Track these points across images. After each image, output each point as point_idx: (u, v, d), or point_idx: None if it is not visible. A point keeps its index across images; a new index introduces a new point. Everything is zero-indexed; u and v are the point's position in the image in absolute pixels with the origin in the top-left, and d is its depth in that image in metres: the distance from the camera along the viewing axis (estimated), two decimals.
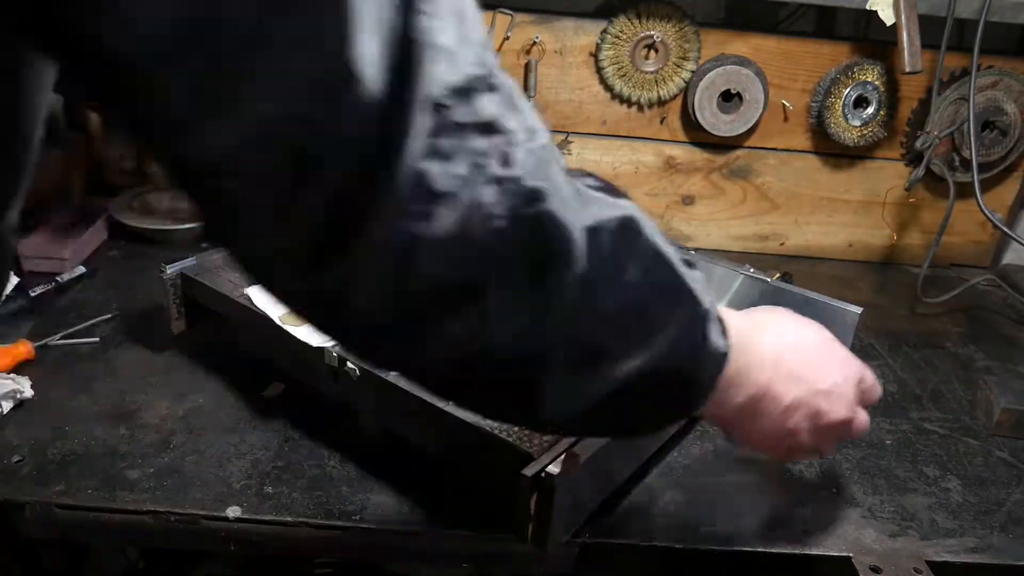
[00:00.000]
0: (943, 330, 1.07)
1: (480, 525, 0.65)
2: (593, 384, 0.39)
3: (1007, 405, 0.82)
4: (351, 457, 0.72)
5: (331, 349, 0.70)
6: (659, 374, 0.41)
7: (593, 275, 0.36)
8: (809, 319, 0.58)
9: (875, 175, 1.23)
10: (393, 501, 0.67)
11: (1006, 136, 1.16)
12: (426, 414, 0.65)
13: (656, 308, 0.40)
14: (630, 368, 0.39)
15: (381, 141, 0.29)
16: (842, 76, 1.14)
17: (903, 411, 0.87)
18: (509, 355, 0.36)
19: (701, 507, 0.69)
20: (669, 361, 0.41)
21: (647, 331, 0.40)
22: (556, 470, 0.55)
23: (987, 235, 1.28)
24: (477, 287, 0.33)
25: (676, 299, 0.41)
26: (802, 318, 0.58)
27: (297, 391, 0.79)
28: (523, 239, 0.33)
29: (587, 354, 0.38)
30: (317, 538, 0.65)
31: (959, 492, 0.74)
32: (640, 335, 0.40)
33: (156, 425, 0.74)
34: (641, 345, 0.40)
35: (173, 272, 0.81)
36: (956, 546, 0.68)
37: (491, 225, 0.32)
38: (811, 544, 0.66)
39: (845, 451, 0.78)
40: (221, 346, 0.85)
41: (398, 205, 0.30)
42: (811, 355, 0.55)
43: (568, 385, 0.39)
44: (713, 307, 0.44)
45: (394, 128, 0.29)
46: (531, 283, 0.34)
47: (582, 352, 0.38)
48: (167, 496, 0.66)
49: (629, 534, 0.65)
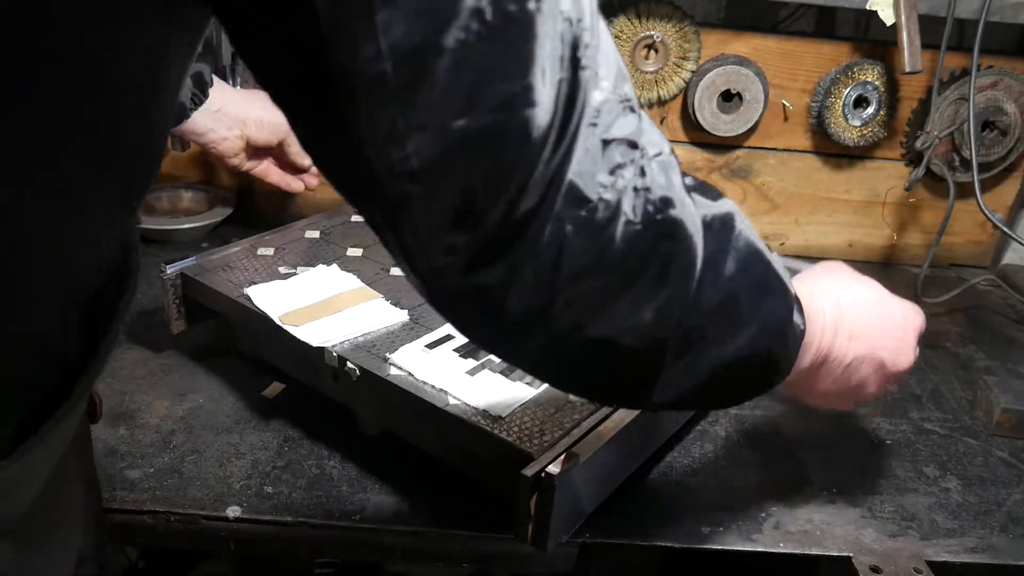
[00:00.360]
0: (943, 330, 1.07)
1: (480, 525, 0.65)
2: (701, 368, 0.44)
3: (1007, 405, 0.82)
4: (351, 457, 0.72)
5: (331, 349, 0.70)
6: (754, 355, 0.46)
7: (704, 270, 0.41)
8: (862, 275, 0.62)
9: (875, 175, 1.23)
10: (393, 501, 0.67)
11: (1006, 136, 1.16)
12: (426, 414, 0.65)
13: (753, 297, 0.45)
14: (731, 352, 0.44)
15: (550, 158, 0.34)
16: (842, 76, 1.14)
17: (903, 411, 0.87)
18: (637, 345, 0.41)
19: (701, 507, 0.69)
20: (762, 344, 0.46)
21: (746, 318, 0.45)
22: (556, 470, 0.55)
23: (987, 235, 1.28)
24: (615, 284, 0.38)
25: (769, 288, 0.46)
26: (856, 274, 0.62)
27: (297, 391, 0.80)
28: (655, 242, 0.39)
29: (698, 341, 0.43)
30: (317, 538, 0.65)
31: (959, 492, 0.74)
32: (740, 322, 0.44)
33: (156, 425, 0.74)
34: (740, 331, 0.44)
35: (173, 272, 0.81)
36: (956, 546, 0.68)
37: (630, 230, 0.37)
38: (811, 544, 0.66)
39: (845, 451, 0.79)
40: (221, 346, 0.86)
41: (557, 211, 0.36)
42: (868, 312, 0.59)
43: (680, 370, 0.43)
44: (794, 290, 0.49)
45: (560, 148, 0.35)
46: (659, 280, 0.39)
47: (694, 340, 0.43)
48: (167, 496, 0.66)
49: (629, 534, 0.65)
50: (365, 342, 0.72)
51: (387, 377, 0.66)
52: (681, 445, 0.76)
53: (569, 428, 0.62)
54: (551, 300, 0.38)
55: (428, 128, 0.32)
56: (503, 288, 0.37)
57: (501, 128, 0.33)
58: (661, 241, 0.39)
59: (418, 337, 0.72)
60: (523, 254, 0.36)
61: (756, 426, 0.81)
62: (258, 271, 0.83)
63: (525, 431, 0.61)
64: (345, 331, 0.72)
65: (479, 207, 0.34)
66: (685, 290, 0.41)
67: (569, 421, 0.62)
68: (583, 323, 0.39)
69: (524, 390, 0.66)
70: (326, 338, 0.71)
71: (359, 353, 0.70)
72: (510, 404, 0.63)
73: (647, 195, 0.38)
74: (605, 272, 0.38)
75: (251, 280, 0.80)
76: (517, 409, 0.63)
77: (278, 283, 0.80)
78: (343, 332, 0.72)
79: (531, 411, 0.63)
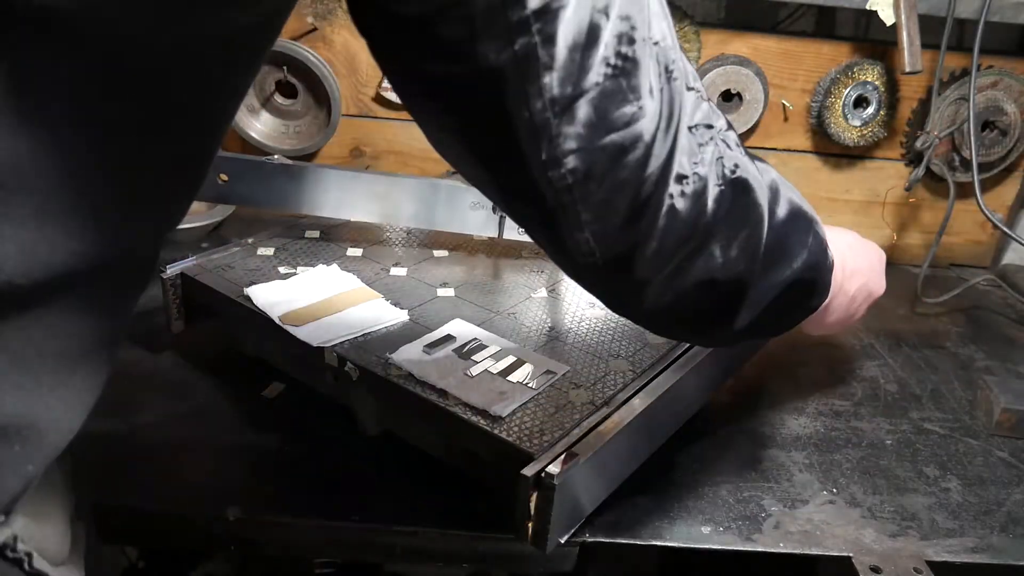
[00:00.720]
0: (943, 330, 1.07)
1: (480, 525, 0.65)
2: (769, 293, 0.54)
3: (1007, 405, 0.82)
4: (351, 457, 0.72)
5: (331, 349, 0.70)
6: (803, 280, 0.56)
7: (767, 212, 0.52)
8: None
9: (875, 175, 1.23)
10: (393, 501, 0.67)
11: (1006, 136, 1.16)
12: (426, 414, 0.65)
13: (801, 232, 0.56)
14: (789, 276, 0.55)
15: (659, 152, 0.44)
16: (842, 76, 1.14)
17: (903, 411, 0.87)
18: (727, 278, 0.51)
19: (701, 507, 0.69)
20: (808, 269, 0.56)
21: (796, 249, 0.55)
22: (556, 470, 0.55)
23: (987, 235, 1.28)
24: (711, 235, 0.48)
25: (809, 227, 0.56)
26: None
27: (297, 391, 0.80)
28: (734, 196, 0.49)
29: (768, 268, 0.53)
30: (317, 538, 0.65)
31: (959, 492, 0.74)
32: (792, 253, 0.55)
33: (156, 425, 0.74)
34: (795, 259, 0.55)
35: (173, 272, 0.81)
36: (956, 546, 0.68)
37: (716, 191, 0.48)
38: (811, 544, 0.66)
39: (845, 451, 0.79)
40: (221, 346, 0.86)
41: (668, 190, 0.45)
42: (858, 251, 0.73)
43: (758, 292, 0.53)
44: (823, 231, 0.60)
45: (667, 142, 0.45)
46: (741, 223, 0.50)
47: (766, 266, 0.53)
48: (167, 496, 0.66)
49: (629, 534, 0.65)
50: (365, 342, 0.72)
51: (387, 377, 0.66)
52: (681, 445, 0.76)
53: (569, 428, 0.62)
54: (669, 259, 0.48)
55: (579, 151, 0.42)
56: (634, 257, 0.47)
57: (629, 140, 0.42)
58: (738, 195, 0.49)
59: (418, 337, 0.72)
60: (647, 229, 0.46)
61: (756, 426, 0.81)
62: (258, 271, 0.83)
63: (525, 431, 0.61)
64: (345, 331, 0.72)
65: (616, 203, 0.44)
66: (758, 229, 0.51)
67: (569, 421, 0.62)
68: (690, 270, 0.49)
69: (524, 390, 0.66)
70: (326, 338, 0.71)
71: (359, 353, 0.70)
72: (510, 404, 0.63)
73: (723, 163, 0.48)
74: (704, 227, 0.48)
75: (251, 280, 0.80)
76: (517, 409, 0.63)
77: (278, 283, 0.80)
78: (343, 332, 0.72)
79: (531, 411, 0.63)
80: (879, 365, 0.96)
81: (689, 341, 0.72)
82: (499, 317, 0.79)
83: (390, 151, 1.25)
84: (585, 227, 0.45)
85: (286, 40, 1.15)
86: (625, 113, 0.42)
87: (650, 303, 0.51)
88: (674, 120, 0.45)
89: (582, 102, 0.40)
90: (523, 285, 0.86)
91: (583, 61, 0.40)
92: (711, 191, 0.47)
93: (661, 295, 0.50)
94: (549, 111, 0.40)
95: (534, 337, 0.75)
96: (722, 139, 0.49)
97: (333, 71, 1.16)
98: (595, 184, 0.43)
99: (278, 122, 1.22)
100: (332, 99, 1.17)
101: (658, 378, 0.69)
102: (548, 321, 0.79)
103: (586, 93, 0.40)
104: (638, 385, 0.68)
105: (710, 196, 0.47)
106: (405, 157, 1.25)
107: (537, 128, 0.41)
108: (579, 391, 0.67)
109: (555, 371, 0.69)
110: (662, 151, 0.44)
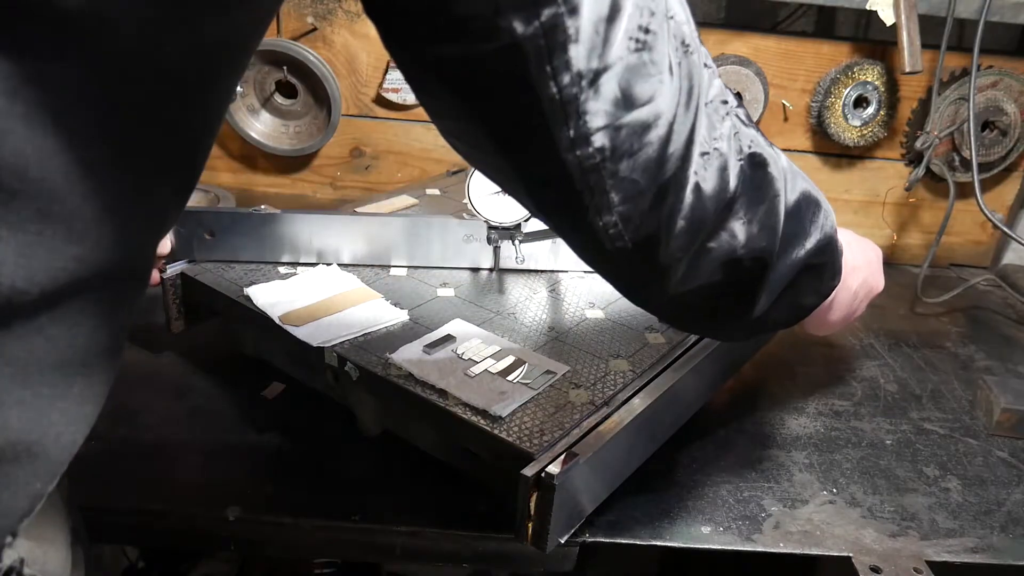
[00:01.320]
0: (943, 330, 1.07)
1: (480, 525, 0.65)
2: (786, 273, 0.54)
3: (1007, 405, 0.82)
4: (351, 457, 0.72)
5: (331, 349, 0.70)
6: (816, 264, 0.56)
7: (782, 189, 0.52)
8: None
9: (875, 175, 1.24)
10: (393, 501, 0.67)
11: (1006, 136, 1.17)
12: (426, 414, 0.65)
13: (812, 213, 0.55)
14: (803, 257, 0.54)
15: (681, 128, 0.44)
16: (842, 76, 1.15)
17: (903, 411, 0.87)
18: (752, 254, 0.50)
19: (701, 507, 0.69)
20: (820, 252, 0.56)
21: (809, 230, 0.55)
22: (556, 470, 0.55)
23: (987, 235, 1.28)
24: (733, 208, 0.48)
25: (819, 209, 0.56)
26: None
27: (297, 391, 0.80)
28: (751, 170, 0.49)
29: (785, 246, 0.53)
30: (317, 538, 0.65)
31: (959, 492, 0.74)
32: (806, 233, 0.55)
33: (156, 425, 0.74)
34: (808, 239, 0.55)
35: (173, 272, 0.81)
36: (956, 546, 0.68)
37: (736, 166, 0.48)
38: (811, 544, 0.66)
39: (845, 451, 0.79)
40: (221, 346, 0.86)
41: (692, 162, 0.45)
42: (856, 247, 0.72)
43: (775, 276, 0.53)
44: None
45: (688, 117, 0.45)
46: (758, 198, 0.50)
47: (783, 245, 0.52)
48: (167, 496, 0.66)
49: (629, 534, 0.65)
50: (365, 342, 0.72)
51: (387, 377, 0.66)
52: (681, 445, 0.76)
53: (569, 428, 0.62)
54: (695, 237, 0.48)
55: (607, 128, 0.41)
56: (660, 238, 0.47)
57: (652, 116, 0.42)
58: (755, 169, 0.49)
59: (418, 337, 0.72)
60: (674, 207, 0.46)
61: (756, 426, 0.81)
62: (258, 271, 0.83)
63: (525, 431, 0.61)
64: (345, 331, 0.72)
65: (643, 182, 0.44)
66: (776, 204, 0.51)
67: (569, 421, 0.62)
68: (714, 249, 0.49)
69: (524, 390, 0.66)
70: (326, 338, 0.71)
71: (359, 353, 0.70)
72: (510, 404, 0.63)
73: (739, 138, 0.48)
74: (727, 203, 0.48)
75: (251, 280, 0.80)
76: (517, 409, 0.63)
77: (278, 283, 0.80)
78: (343, 332, 0.72)
79: (531, 411, 0.63)
80: (879, 365, 0.96)
81: (705, 333, 0.71)
82: (499, 317, 0.79)
83: (390, 151, 1.25)
84: (613, 209, 0.44)
85: (286, 40, 1.15)
86: (648, 88, 0.41)
87: (674, 288, 0.50)
88: (694, 96, 0.45)
89: (608, 76, 0.40)
90: (523, 285, 0.86)
91: (607, 34, 0.39)
92: (732, 166, 0.47)
93: (685, 278, 0.50)
94: (576, 86, 0.39)
95: (534, 337, 0.75)
96: (736, 115, 0.49)
97: (333, 71, 1.16)
98: (621, 163, 0.42)
99: (278, 122, 1.22)
100: (332, 99, 1.17)
101: (658, 378, 0.69)
102: (548, 321, 0.79)
103: (611, 67, 0.40)
104: (638, 385, 0.68)
105: (732, 171, 0.47)
106: (405, 157, 1.25)
107: (565, 104, 0.40)
108: (579, 391, 0.67)
109: (555, 371, 0.69)
110: (684, 127, 0.44)
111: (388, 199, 1.01)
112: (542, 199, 0.48)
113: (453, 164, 1.22)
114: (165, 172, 0.40)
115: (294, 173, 1.27)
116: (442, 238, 0.87)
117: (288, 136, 1.22)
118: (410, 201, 1.01)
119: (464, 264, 0.88)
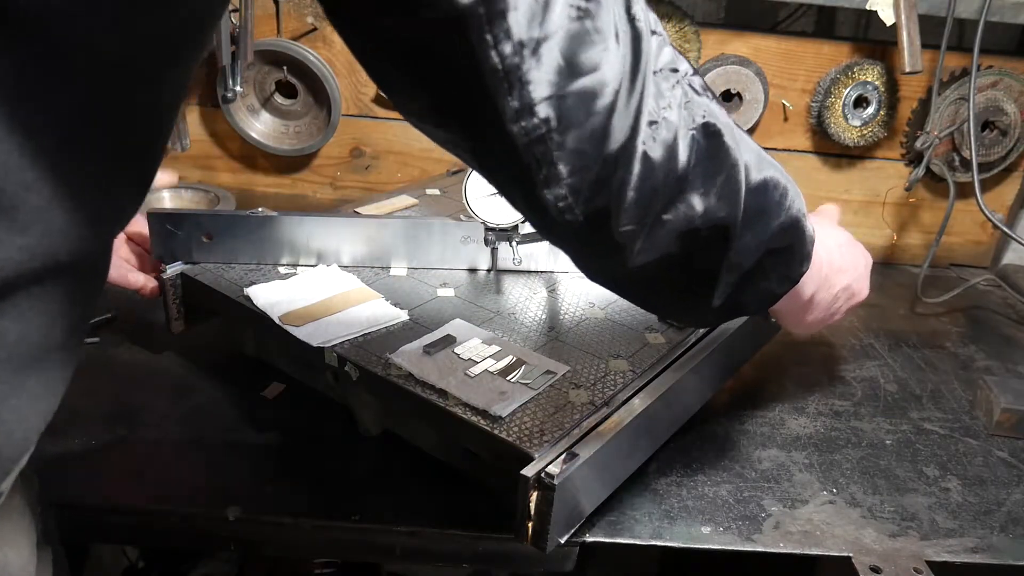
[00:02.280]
0: (943, 330, 1.07)
1: (480, 525, 0.65)
2: (749, 253, 0.53)
3: (1007, 405, 0.82)
4: (351, 457, 0.72)
5: (331, 349, 0.70)
6: (781, 248, 0.55)
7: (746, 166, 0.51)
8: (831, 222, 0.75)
9: (875, 175, 1.23)
10: (393, 501, 0.67)
11: (1006, 136, 1.17)
12: (426, 414, 0.65)
13: (777, 196, 0.54)
14: (767, 236, 0.53)
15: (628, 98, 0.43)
16: (842, 76, 1.15)
17: (903, 411, 0.87)
18: (711, 224, 0.49)
19: (701, 507, 0.69)
20: (785, 234, 0.55)
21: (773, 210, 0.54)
22: (556, 470, 0.55)
23: (987, 235, 1.28)
24: (688, 178, 0.47)
25: (786, 193, 0.54)
26: (826, 221, 0.74)
27: (297, 391, 0.80)
28: (704, 140, 0.48)
29: (747, 223, 0.52)
30: (317, 538, 0.65)
31: (959, 492, 0.74)
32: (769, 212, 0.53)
33: (156, 425, 0.74)
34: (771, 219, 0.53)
35: (173, 272, 0.81)
36: (956, 546, 0.68)
37: (687, 135, 0.47)
38: (811, 544, 0.66)
39: (845, 451, 0.79)
40: (221, 346, 0.86)
41: (641, 137, 0.45)
42: (845, 250, 0.71)
43: (736, 256, 0.52)
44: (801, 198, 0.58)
45: (635, 87, 0.44)
46: (715, 169, 0.49)
47: (745, 222, 0.51)
48: (167, 496, 0.66)
49: (629, 534, 0.65)
50: (365, 342, 0.72)
51: (387, 377, 0.66)
52: (681, 445, 0.76)
53: (569, 428, 0.62)
54: (647, 208, 0.47)
55: (550, 99, 0.40)
56: (613, 210, 0.46)
57: (598, 84, 0.41)
58: (709, 139, 0.48)
59: (418, 337, 0.72)
60: (623, 179, 0.45)
61: (755, 426, 0.81)
62: (258, 271, 0.83)
63: (525, 431, 0.61)
64: (345, 331, 0.72)
65: (590, 153, 0.43)
66: (735, 172, 0.50)
67: (569, 421, 0.62)
68: (671, 221, 0.48)
69: (524, 390, 0.66)
70: (326, 338, 0.71)
71: (359, 353, 0.70)
72: (510, 404, 0.63)
73: (691, 108, 0.47)
74: (680, 173, 0.47)
75: (251, 280, 0.80)
76: (517, 409, 0.63)
77: (278, 283, 0.80)
78: (343, 332, 0.72)
79: (531, 411, 0.63)
80: (879, 365, 0.96)
81: (673, 315, 0.71)
82: (499, 317, 0.79)
83: (390, 151, 1.25)
84: (562, 182, 0.44)
85: (286, 40, 1.15)
86: (592, 57, 0.41)
87: (633, 262, 0.50)
88: (640, 63, 0.44)
89: (550, 45, 0.39)
90: (523, 285, 0.86)
91: (546, 1, 0.39)
92: (683, 136, 0.46)
93: (642, 251, 0.49)
94: (518, 55, 0.39)
95: (534, 337, 0.75)
96: (688, 83, 0.48)
97: (333, 71, 1.16)
98: (567, 134, 0.42)
99: (278, 122, 1.22)
100: (332, 99, 1.17)
101: (658, 378, 0.69)
102: (548, 321, 0.79)
103: (553, 35, 0.39)
104: (638, 385, 0.68)
105: (682, 142, 0.46)
106: (405, 157, 1.25)
107: (508, 74, 0.39)
108: (579, 391, 0.67)
109: (555, 371, 0.69)
110: (631, 96, 0.44)
111: (388, 199, 1.01)
112: (495, 174, 0.47)
113: (453, 164, 1.22)
114: (116, 164, 0.39)
115: (294, 173, 1.27)
116: (440, 239, 0.87)
117: (288, 136, 1.22)
118: (410, 201, 1.01)
119: (463, 266, 0.88)
